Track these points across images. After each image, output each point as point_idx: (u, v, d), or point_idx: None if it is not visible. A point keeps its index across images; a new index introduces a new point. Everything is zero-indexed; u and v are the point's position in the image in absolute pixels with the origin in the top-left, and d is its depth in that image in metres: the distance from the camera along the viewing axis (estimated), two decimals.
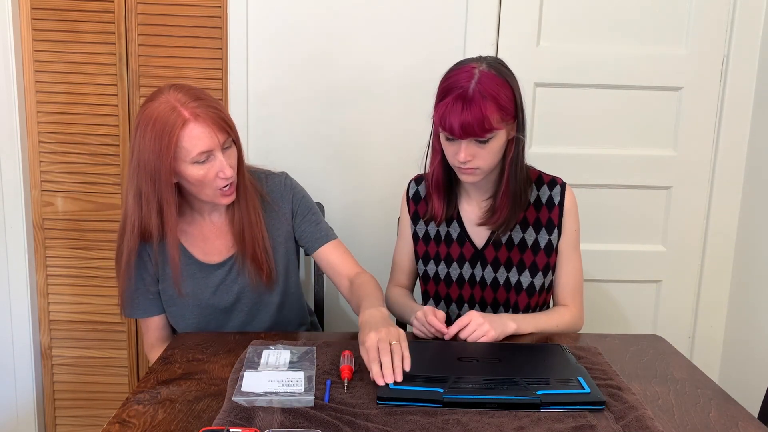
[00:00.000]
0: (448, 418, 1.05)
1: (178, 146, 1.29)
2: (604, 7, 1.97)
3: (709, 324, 2.16)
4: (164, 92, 1.33)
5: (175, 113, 1.29)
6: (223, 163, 1.33)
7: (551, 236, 1.49)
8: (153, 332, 1.52)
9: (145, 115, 1.31)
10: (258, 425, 1.01)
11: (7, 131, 1.95)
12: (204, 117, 1.30)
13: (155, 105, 1.31)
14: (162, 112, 1.29)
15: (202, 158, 1.31)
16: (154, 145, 1.29)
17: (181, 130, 1.29)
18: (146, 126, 1.30)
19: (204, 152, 1.31)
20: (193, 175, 1.33)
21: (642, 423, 1.04)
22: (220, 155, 1.33)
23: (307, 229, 1.54)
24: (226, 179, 1.34)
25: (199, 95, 1.34)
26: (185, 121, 1.29)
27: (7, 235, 2.01)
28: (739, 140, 2.04)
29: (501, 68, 1.38)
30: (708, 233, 2.10)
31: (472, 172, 1.39)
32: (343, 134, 2.01)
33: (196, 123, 1.29)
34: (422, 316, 1.37)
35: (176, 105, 1.30)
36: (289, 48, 1.95)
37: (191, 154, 1.30)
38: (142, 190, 1.34)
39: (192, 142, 1.29)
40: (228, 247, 1.48)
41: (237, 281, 1.48)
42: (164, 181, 1.32)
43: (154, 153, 1.29)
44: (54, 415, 2.16)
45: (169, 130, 1.28)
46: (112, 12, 1.94)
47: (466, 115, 1.31)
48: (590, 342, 1.41)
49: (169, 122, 1.28)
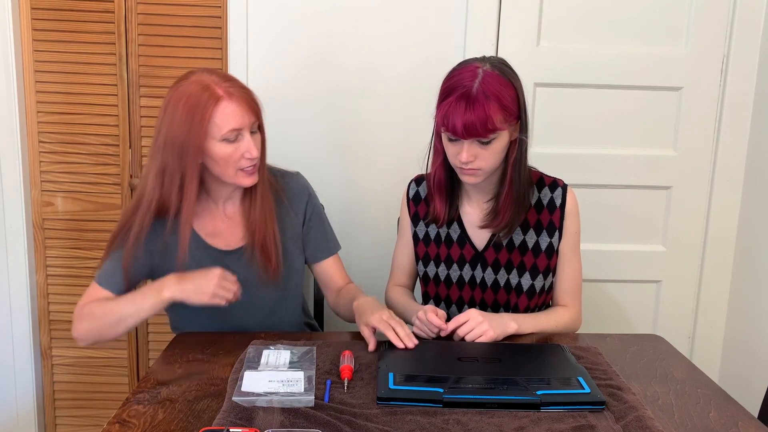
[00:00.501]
0: (448, 418, 1.05)
1: (210, 122, 1.32)
2: (604, 7, 1.97)
3: (709, 324, 2.16)
4: (196, 73, 1.37)
5: (209, 91, 1.32)
6: (251, 143, 1.36)
7: (552, 239, 1.49)
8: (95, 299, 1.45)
9: (178, 93, 1.35)
10: (258, 425, 1.01)
11: (7, 131, 1.95)
12: (237, 96, 1.34)
13: (187, 83, 1.35)
14: (195, 90, 1.33)
15: (231, 136, 1.34)
16: (185, 121, 1.32)
17: (214, 107, 1.32)
18: (178, 102, 1.33)
19: (234, 130, 1.34)
20: (220, 153, 1.35)
21: (642, 423, 1.04)
22: (248, 135, 1.36)
23: (316, 237, 1.57)
24: (251, 159, 1.37)
25: (230, 77, 1.38)
26: (219, 98, 1.32)
27: (7, 235, 2.01)
28: (739, 140, 2.04)
29: (505, 68, 1.38)
30: (708, 233, 2.10)
31: (473, 173, 1.39)
32: (343, 134, 2.01)
33: (229, 101, 1.33)
34: (423, 315, 1.37)
35: (210, 83, 1.33)
36: (289, 48, 1.95)
37: (222, 130, 1.33)
38: (167, 166, 1.35)
39: (224, 119, 1.32)
40: (238, 237, 1.49)
41: (243, 272, 1.48)
42: (191, 157, 1.34)
43: (185, 128, 1.32)
44: (54, 415, 2.16)
45: (202, 105, 1.31)
46: (112, 12, 1.94)
47: (469, 115, 1.30)
48: (590, 342, 1.41)
49: (203, 98, 1.32)
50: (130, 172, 2.04)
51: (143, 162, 2.03)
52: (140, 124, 2.01)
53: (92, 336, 1.39)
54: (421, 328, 1.38)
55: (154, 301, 1.34)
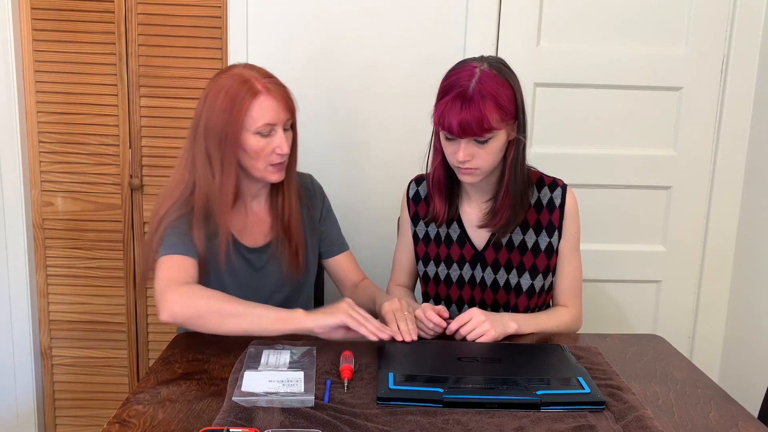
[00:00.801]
0: (448, 418, 1.05)
1: (247, 115, 1.36)
2: (604, 7, 1.97)
3: (709, 324, 2.16)
4: (237, 67, 1.42)
5: (248, 84, 1.37)
6: (282, 138, 1.39)
7: (551, 238, 1.49)
8: (181, 270, 1.37)
9: (218, 84, 1.39)
10: (258, 425, 1.01)
11: (7, 131, 1.95)
12: (274, 92, 1.38)
13: (228, 76, 1.39)
14: (235, 83, 1.37)
15: (265, 130, 1.38)
16: (224, 111, 1.36)
17: (252, 100, 1.36)
18: (218, 93, 1.37)
19: (268, 124, 1.37)
20: (252, 146, 1.38)
21: (642, 423, 1.04)
22: (281, 131, 1.40)
23: (330, 233, 1.62)
24: (281, 155, 1.40)
25: (270, 74, 1.42)
26: (257, 92, 1.36)
27: (7, 235, 2.01)
28: (739, 140, 2.04)
29: (502, 68, 1.38)
30: (708, 233, 2.10)
31: (471, 172, 1.39)
32: (343, 134, 2.01)
33: (267, 95, 1.37)
34: (422, 314, 1.37)
35: (250, 78, 1.38)
36: (289, 48, 1.95)
37: (257, 124, 1.36)
38: (211, 154, 1.38)
39: (260, 112, 1.36)
40: (264, 234, 1.52)
41: (267, 268, 1.52)
42: (231, 146, 1.37)
43: (224, 118, 1.36)
44: (54, 415, 2.16)
45: (241, 97, 1.35)
46: (112, 12, 1.94)
47: (464, 114, 1.31)
48: (590, 342, 1.41)
49: (242, 91, 1.36)
50: (130, 172, 2.04)
51: (143, 162, 2.03)
52: (140, 124, 2.01)
53: (188, 317, 1.29)
54: (419, 326, 1.38)
55: (276, 330, 1.29)
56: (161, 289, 1.32)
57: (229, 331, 1.30)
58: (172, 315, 1.29)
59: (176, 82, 1.98)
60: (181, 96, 1.99)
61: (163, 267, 1.36)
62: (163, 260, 1.37)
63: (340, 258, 1.63)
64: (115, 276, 2.09)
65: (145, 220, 2.06)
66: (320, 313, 1.29)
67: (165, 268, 1.36)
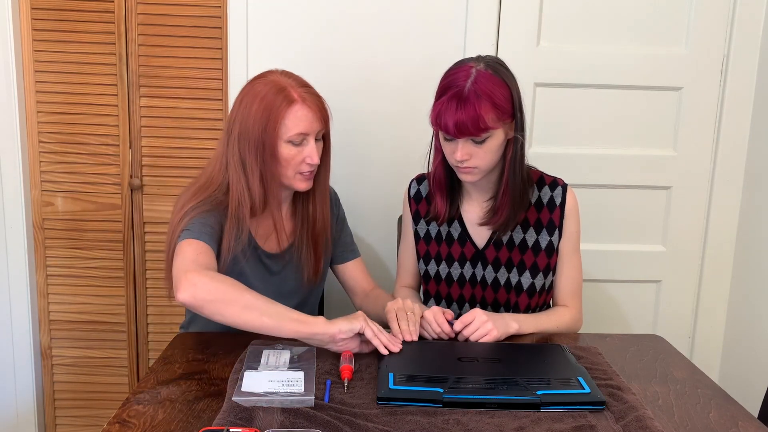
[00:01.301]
0: (448, 418, 1.05)
1: (281, 123, 1.36)
2: (604, 7, 1.97)
3: (709, 324, 2.16)
4: (274, 74, 1.42)
5: (285, 92, 1.37)
6: (314, 149, 1.39)
7: (552, 237, 1.49)
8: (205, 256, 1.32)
9: (254, 90, 1.39)
10: (258, 425, 1.01)
11: (7, 131, 1.95)
12: (310, 102, 1.38)
13: (265, 82, 1.39)
14: (272, 90, 1.37)
15: (297, 139, 1.38)
16: (260, 119, 1.36)
17: (287, 108, 1.36)
18: (254, 99, 1.37)
19: (301, 134, 1.37)
20: (283, 154, 1.38)
21: (642, 423, 1.04)
22: (312, 141, 1.40)
23: (343, 239, 1.63)
24: (311, 165, 1.40)
25: (307, 83, 1.42)
26: (293, 101, 1.36)
27: (7, 235, 2.01)
28: (739, 140, 2.04)
29: (499, 68, 1.39)
30: (708, 233, 2.10)
31: (470, 171, 1.40)
32: (343, 134, 2.00)
33: (302, 105, 1.37)
34: (431, 316, 1.37)
35: (286, 86, 1.38)
36: (289, 47, 1.95)
37: (290, 132, 1.36)
38: (246, 160, 1.38)
39: (294, 121, 1.36)
40: (284, 240, 1.51)
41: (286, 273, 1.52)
42: (267, 154, 1.37)
43: (260, 125, 1.36)
44: (54, 415, 2.16)
45: (277, 106, 1.35)
46: (112, 12, 1.94)
47: (460, 114, 1.31)
48: (590, 342, 1.41)
49: (278, 99, 1.36)
50: (130, 172, 2.04)
51: (143, 162, 2.03)
52: (140, 124, 2.01)
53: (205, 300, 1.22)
54: (424, 327, 1.37)
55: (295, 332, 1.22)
56: (184, 268, 1.25)
57: (246, 324, 1.22)
58: (192, 295, 1.21)
59: (176, 82, 1.98)
60: (181, 96, 1.99)
61: (188, 249, 1.30)
62: (188, 242, 1.31)
63: (351, 265, 1.63)
64: (115, 276, 2.09)
65: (146, 220, 2.06)
66: (341, 320, 1.24)
67: (191, 249, 1.30)
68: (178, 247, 1.31)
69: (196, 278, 1.22)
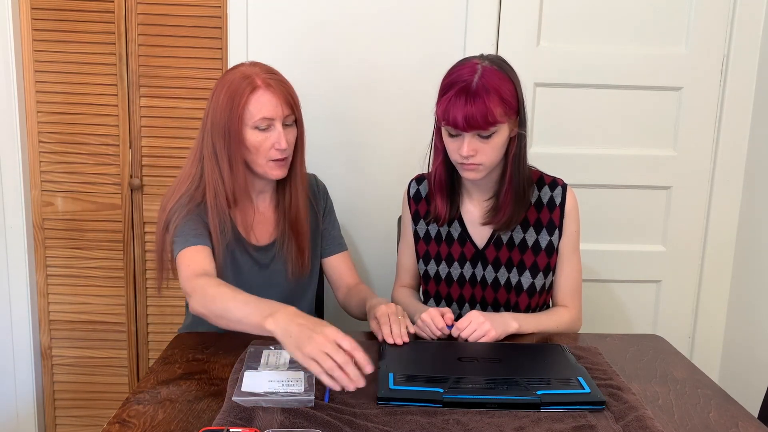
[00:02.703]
0: (448, 418, 1.05)
1: (245, 109, 1.38)
2: (604, 7, 1.97)
3: (709, 324, 2.16)
4: (242, 65, 1.45)
5: (249, 80, 1.40)
6: (281, 134, 1.40)
7: (552, 237, 1.49)
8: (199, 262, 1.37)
9: (223, 80, 1.43)
10: (258, 425, 1.01)
11: (7, 131, 1.95)
12: (274, 88, 1.40)
13: (233, 72, 1.43)
14: (237, 78, 1.40)
15: (263, 124, 1.39)
16: (226, 106, 1.39)
17: (250, 94, 1.39)
18: (221, 88, 1.41)
19: (265, 118, 1.39)
20: (251, 141, 1.40)
21: (642, 423, 1.04)
22: (279, 127, 1.41)
23: (330, 232, 1.63)
24: (280, 151, 1.41)
25: (273, 71, 1.45)
26: (256, 87, 1.39)
27: (7, 235, 2.01)
28: (739, 140, 2.04)
29: (503, 64, 1.40)
30: (708, 233, 2.10)
31: (474, 168, 1.39)
32: (343, 134, 2.01)
33: (265, 90, 1.39)
34: (427, 317, 1.37)
35: (251, 74, 1.41)
36: (290, 47, 1.95)
37: (254, 118, 1.39)
38: (217, 149, 1.41)
39: (257, 106, 1.39)
40: (270, 232, 1.53)
41: (273, 267, 1.53)
42: (234, 141, 1.40)
43: (227, 113, 1.39)
44: (54, 415, 2.16)
45: (240, 92, 1.38)
46: (112, 12, 1.94)
47: (469, 108, 1.32)
48: (590, 342, 1.41)
49: (242, 86, 1.39)
50: (130, 172, 2.04)
51: (143, 162, 2.03)
52: (140, 124, 2.01)
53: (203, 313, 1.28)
54: (422, 328, 1.38)
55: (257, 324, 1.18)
56: (186, 289, 1.33)
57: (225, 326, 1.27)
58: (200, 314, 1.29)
59: (176, 82, 1.98)
60: (181, 96, 1.99)
61: (182, 264, 1.36)
62: (181, 255, 1.37)
63: (337, 258, 1.63)
64: (115, 276, 2.09)
65: (146, 220, 2.06)
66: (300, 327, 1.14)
67: (184, 266, 1.36)
68: (177, 260, 1.38)
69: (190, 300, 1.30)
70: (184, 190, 1.44)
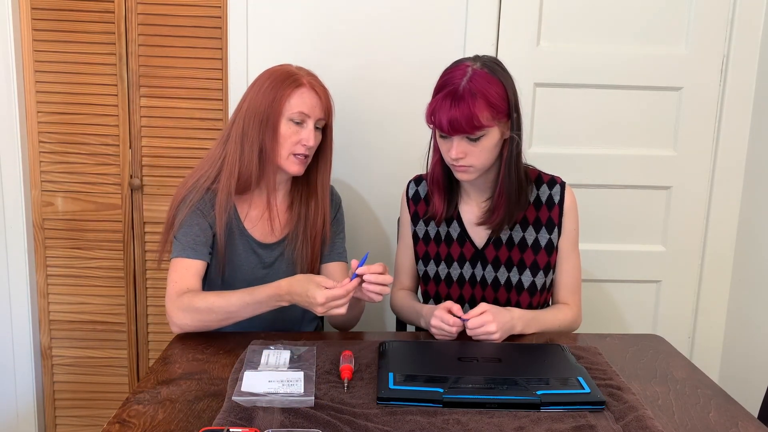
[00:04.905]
0: (448, 418, 1.05)
1: (287, 100, 1.46)
2: (604, 7, 1.97)
3: (709, 324, 2.16)
4: (287, 65, 1.54)
5: (295, 76, 1.48)
6: (311, 132, 1.47)
7: (551, 235, 1.49)
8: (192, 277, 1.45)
9: (269, 71, 1.51)
10: (258, 425, 1.01)
11: (7, 131, 1.95)
12: (317, 89, 1.49)
13: (279, 67, 1.52)
14: (285, 72, 1.49)
15: (298, 118, 1.46)
16: (269, 93, 1.46)
17: (295, 88, 1.47)
18: (267, 77, 1.49)
19: (302, 113, 1.46)
20: (283, 131, 1.46)
21: (642, 423, 1.04)
22: (311, 125, 1.48)
23: (334, 240, 1.64)
24: (306, 147, 1.47)
25: (315, 75, 1.53)
26: (301, 84, 1.48)
27: (7, 235, 2.01)
28: (739, 140, 2.04)
29: (495, 67, 1.40)
30: (708, 233, 2.10)
31: (465, 170, 1.40)
32: (343, 134, 2.00)
33: (309, 89, 1.48)
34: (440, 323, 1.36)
35: (297, 72, 1.50)
36: (289, 47, 1.95)
37: (293, 110, 1.46)
38: (248, 133, 1.46)
39: (299, 101, 1.46)
40: (278, 230, 1.56)
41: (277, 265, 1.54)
42: (268, 127, 1.45)
43: (268, 99, 1.46)
44: (54, 415, 2.16)
45: (287, 84, 1.47)
46: (112, 12, 1.94)
47: (454, 112, 1.32)
48: (590, 342, 1.41)
49: (288, 79, 1.47)
50: (130, 172, 2.04)
51: (143, 162, 2.03)
52: (140, 124, 2.01)
53: (195, 328, 1.40)
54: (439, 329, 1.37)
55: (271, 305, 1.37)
56: (168, 306, 1.41)
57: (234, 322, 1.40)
58: (181, 331, 1.41)
59: (176, 82, 1.98)
60: (181, 96, 1.99)
61: (172, 274, 1.44)
62: (173, 264, 1.45)
63: (334, 266, 1.61)
64: (115, 276, 2.09)
65: (146, 220, 2.06)
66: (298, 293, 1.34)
67: (175, 276, 1.43)
68: (170, 266, 1.46)
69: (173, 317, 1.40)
70: (206, 169, 1.50)
